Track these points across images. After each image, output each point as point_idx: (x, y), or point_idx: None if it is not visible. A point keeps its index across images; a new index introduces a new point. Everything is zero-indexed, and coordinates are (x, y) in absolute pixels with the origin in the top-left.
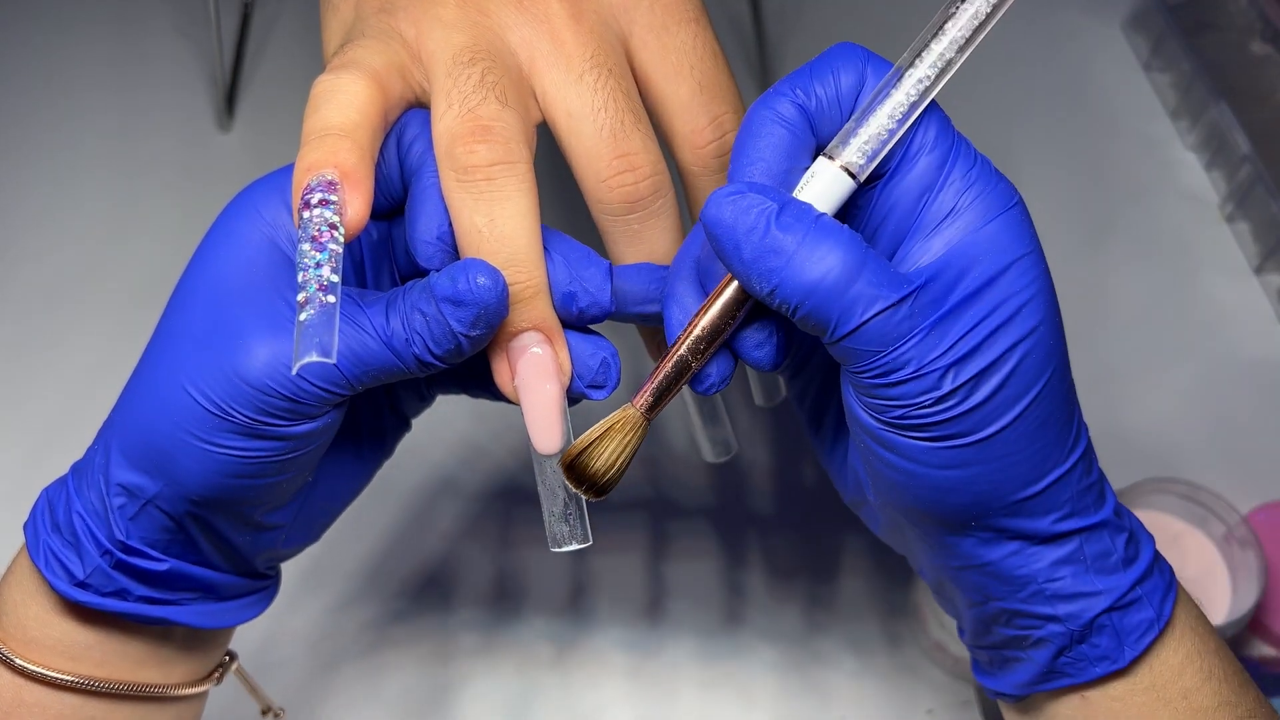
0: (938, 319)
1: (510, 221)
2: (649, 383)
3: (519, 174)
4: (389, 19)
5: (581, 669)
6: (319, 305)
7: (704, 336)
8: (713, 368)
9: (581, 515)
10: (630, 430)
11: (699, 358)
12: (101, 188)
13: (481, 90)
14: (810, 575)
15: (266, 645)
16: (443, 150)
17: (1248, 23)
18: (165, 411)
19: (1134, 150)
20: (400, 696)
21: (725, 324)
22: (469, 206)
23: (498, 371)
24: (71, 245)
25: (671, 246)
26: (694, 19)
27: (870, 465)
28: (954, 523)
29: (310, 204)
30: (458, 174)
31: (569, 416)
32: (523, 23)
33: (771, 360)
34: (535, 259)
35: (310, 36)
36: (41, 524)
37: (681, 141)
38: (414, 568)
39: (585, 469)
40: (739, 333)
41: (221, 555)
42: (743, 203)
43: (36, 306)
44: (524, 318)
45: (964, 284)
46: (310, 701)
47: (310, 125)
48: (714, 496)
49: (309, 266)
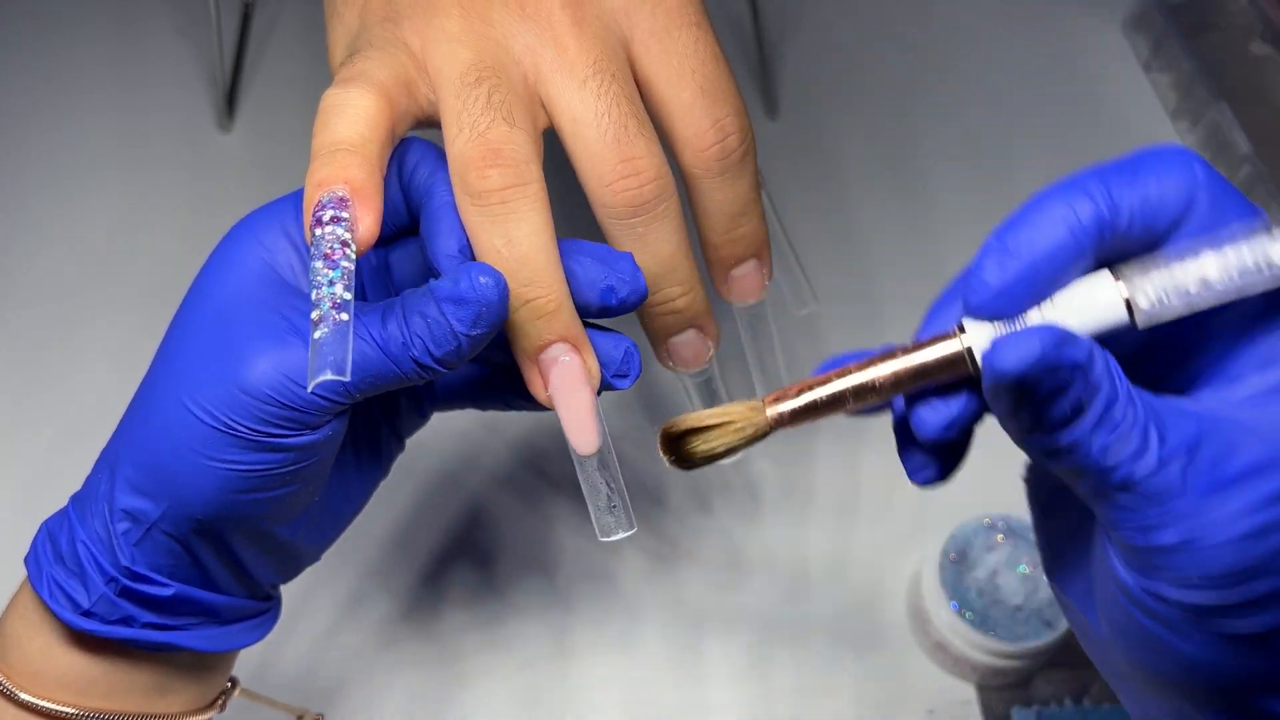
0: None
1: (526, 241)
2: (798, 392)
3: (531, 194)
4: (394, 29)
5: (582, 668)
6: (333, 323)
7: (904, 377)
8: (928, 413)
9: (625, 505)
10: (749, 432)
11: (872, 396)
12: (101, 188)
13: (489, 112)
14: (811, 574)
15: (269, 651)
16: (457, 174)
17: (1248, 23)
18: (168, 431)
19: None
20: (407, 698)
21: (932, 374)
22: (486, 229)
23: (530, 382)
24: (70, 246)
25: (675, 249)
26: (695, 22)
27: (1118, 622)
28: (1212, 702)
29: (322, 221)
30: (472, 198)
31: (602, 416)
32: (526, 30)
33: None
34: (554, 273)
35: (311, 37)
36: (43, 555)
37: (684, 145)
38: (416, 566)
39: (684, 446)
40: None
41: (229, 576)
42: (1055, 369)
43: (34, 310)
44: (550, 330)
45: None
46: (317, 704)
47: (320, 141)
48: (717, 495)
49: (322, 284)
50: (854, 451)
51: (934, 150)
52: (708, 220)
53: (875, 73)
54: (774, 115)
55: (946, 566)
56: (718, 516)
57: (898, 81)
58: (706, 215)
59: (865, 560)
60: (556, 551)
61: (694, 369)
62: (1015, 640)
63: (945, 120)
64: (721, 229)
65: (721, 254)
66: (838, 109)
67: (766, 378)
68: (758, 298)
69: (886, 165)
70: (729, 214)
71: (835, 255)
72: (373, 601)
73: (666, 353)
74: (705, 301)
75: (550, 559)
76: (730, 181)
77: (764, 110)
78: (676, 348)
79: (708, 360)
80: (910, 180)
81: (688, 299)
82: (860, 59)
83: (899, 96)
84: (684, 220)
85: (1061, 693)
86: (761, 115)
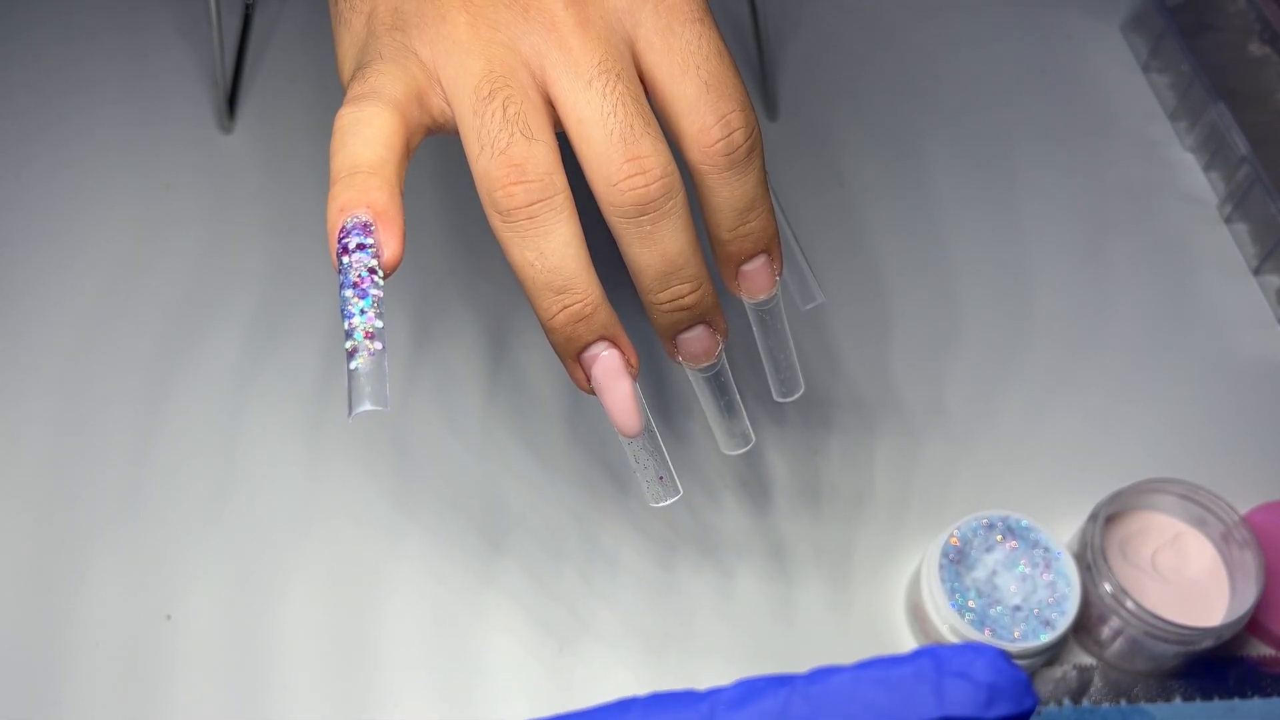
0: None
1: (557, 253)
2: None
3: (557, 205)
4: (402, 37)
5: (578, 654)
6: (368, 353)
7: None
8: None
9: (670, 475)
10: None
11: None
12: (101, 188)
13: (507, 128)
14: (812, 572)
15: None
16: (483, 192)
17: (1246, 24)
18: None
19: (1132, 151)
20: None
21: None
22: (517, 245)
23: (574, 376)
24: (70, 246)
25: (684, 246)
26: (699, 18)
27: None
28: None
29: (348, 248)
30: (501, 216)
31: (643, 401)
32: (530, 31)
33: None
34: (588, 277)
35: (312, 38)
36: None
37: (690, 141)
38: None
39: None
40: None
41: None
42: None
43: (32, 313)
44: (589, 331)
45: None
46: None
47: (338, 163)
48: (725, 490)
49: (354, 313)
50: (855, 451)
51: (934, 150)
52: (716, 216)
53: (875, 73)
54: (774, 116)
55: (946, 566)
56: (720, 513)
57: (898, 81)
58: (714, 211)
59: (865, 559)
60: (561, 541)
61: (703, 364)
62: (1015, 640)
63: (945, 120)
64: (730, 225)
65: (730, 250)
66: (838, 109)
67: (780, 373)
68: (769, 293)
69: (886, 165)
70: (737, 209)
71: (836, 254)
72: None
73: (675, 348)
74: (714, 297)
75: (557, 548)
76: (737, 177)
77: (764, 111)
78: (685, 343)
79: (717, 355)
80: (910, 180)
81: (696, 295)
82: (860, 59)
83: (899, 96)
84: (692, 217)
85: (1061, 693)
86: (761, 116)
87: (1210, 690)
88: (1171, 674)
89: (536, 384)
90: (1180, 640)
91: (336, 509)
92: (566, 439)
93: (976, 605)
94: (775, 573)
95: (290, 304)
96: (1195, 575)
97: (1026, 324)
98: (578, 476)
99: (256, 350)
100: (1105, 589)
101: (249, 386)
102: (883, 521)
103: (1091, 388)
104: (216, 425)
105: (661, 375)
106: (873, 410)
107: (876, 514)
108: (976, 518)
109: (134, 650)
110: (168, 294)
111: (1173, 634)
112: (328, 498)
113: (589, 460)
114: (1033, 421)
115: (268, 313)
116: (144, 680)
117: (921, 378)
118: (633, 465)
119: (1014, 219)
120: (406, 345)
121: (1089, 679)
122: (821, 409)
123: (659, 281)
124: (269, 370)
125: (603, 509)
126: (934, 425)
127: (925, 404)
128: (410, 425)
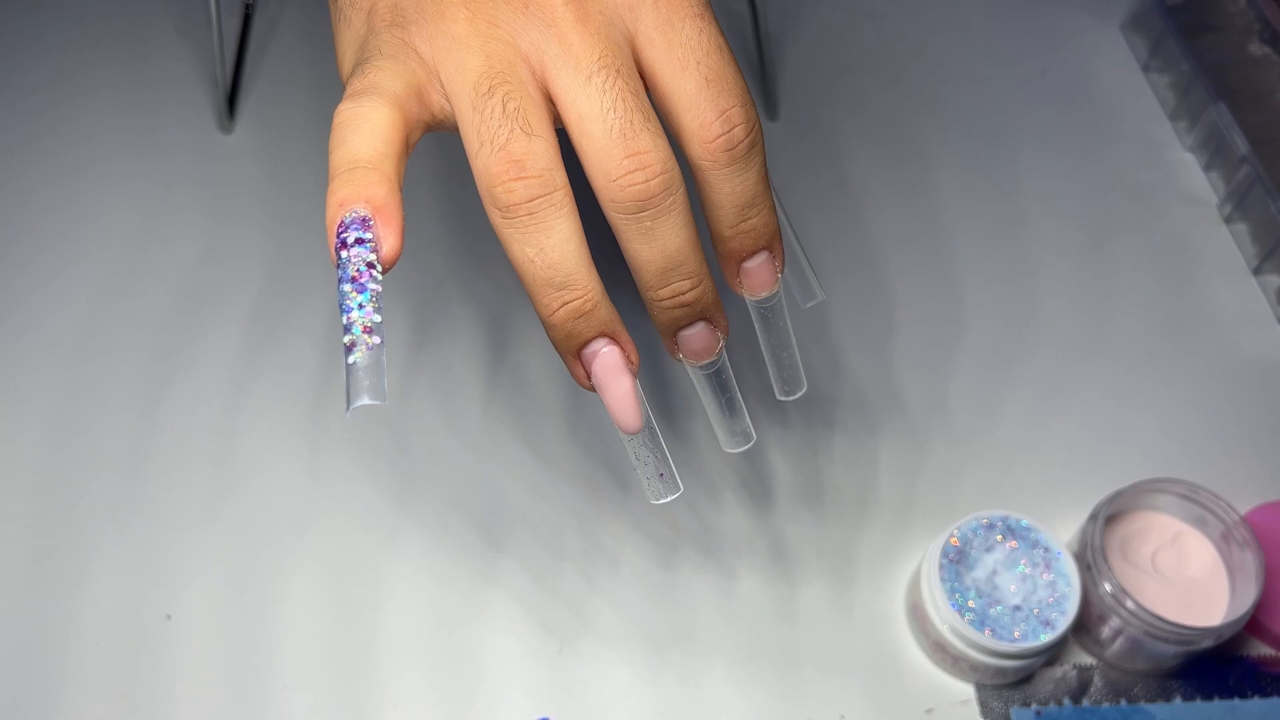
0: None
1: (557, 249)
2: None
3: (556, 201)
4: (402, 34)
5: (579, 653)
6: (366, 348)
7: None
8: None
9: (671, 472)
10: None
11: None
12: (101, 188)
13: (507, 124)
14: (813, 572)
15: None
16: (483, 189)
17: (1246, 24)
18: None
19: (1133, 151)
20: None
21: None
22: (517, 241)
23: (574, 373)
24: (70, 247)
25: (684, 242)
26: (699, 13)
27: None
28: None
29: (346, 243)
30: (500, 212)
31: (644, 398)
32: (530, 27)
33: None
34: (588, 273)
35: (311, 37)
36: None
37: (690, 136)
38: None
39: None
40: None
41: None
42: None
43: (33, 313)
44: (589, 328)
45: None
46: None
47: (337, 158)
48: (726, 489)
49: (352, 308)
50: (856, 450)
51: (933, 150)
52: (717, 213)
53: (875, 73)
54: (774, 115)
55: (946, 566)
56: (722, 511)
57: (898, 81)
58: (716, 208)
59: (865, 559)
60: (562, 537)
61: (704, 361)
62: (1015, 640)
63: (945, 120)
64: (731, 221)
65: (732, 246)
66: (838, 108)
67: (782, 372)
68: (771, 290)
69: (886, 165)
70: (738, 206)
71: (836, 253)
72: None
73: (676, 346)
74: (715, 294)
75: (557, 548)
76: (738, 173)
77: (764, 110)
78: (686, 340)
79: (717, 353)
80: (910, 180)
81: (697, 292)
82: (860, 58)
83: (899, 96)
84: (692, 213)
85: (1061, 693)
86: (762, 115)
87: (1210, 690)
88: (1171, 674)
89: (536, 384)
90: (1180, 640)
91: (336, 509)
92: (567, 438)
93: (976, 605)
94: (776, 572)
95: (290, 304)
96: (1195, 575)
97: (1026, 323)
98: (578, 476)
99: (257, 350)
100: (1105, 589)
101: (249, 386)
102: (884, 521)
103: (1091, 387)
104: (216, 425)
105: (662, 373)
106: (874, 410)
107: (878, 514)
108: (976, 517)
109: (134, 650)
110: (167, 294)
111: (1173, 634)
112: (327, 498)
113: (589, 459)
114: (1033, 421)
115: (268, 312)
116: (144, 680)
117: (922, 377)
118: (633, 462)
119: (1014, 218)
120: (406, 345)
121: (1089, 679)
122: (823, 408)
123: (659, 278)
124: (269, 370)
125: (603, 508)
126: (935, 425)
127: (926, 403)
128: (410, 425)
